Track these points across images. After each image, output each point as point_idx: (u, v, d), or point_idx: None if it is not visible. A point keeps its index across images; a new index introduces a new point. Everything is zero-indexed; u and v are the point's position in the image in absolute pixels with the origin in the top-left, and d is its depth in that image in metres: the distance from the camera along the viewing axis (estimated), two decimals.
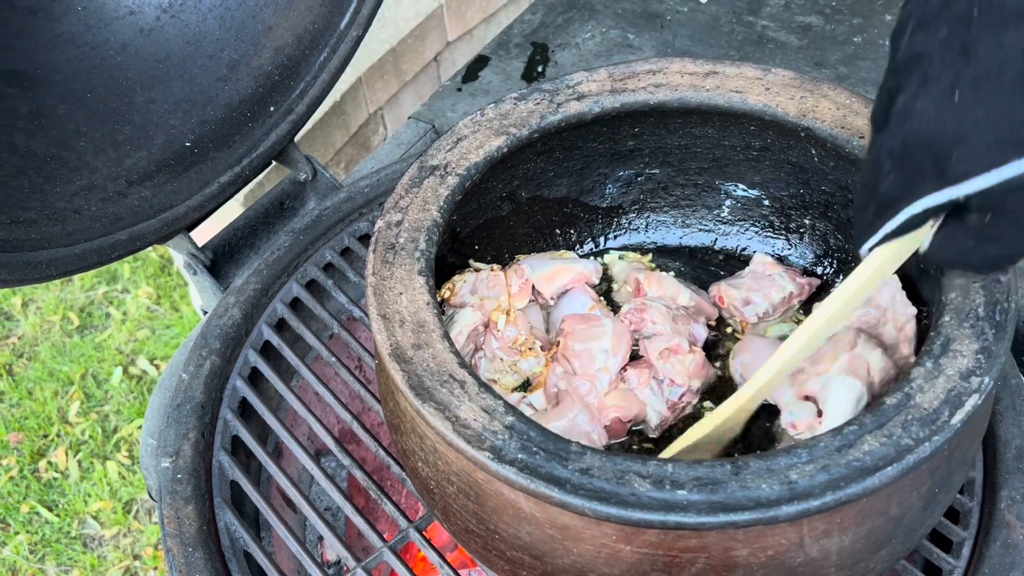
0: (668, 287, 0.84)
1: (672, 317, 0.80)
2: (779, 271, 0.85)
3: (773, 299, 0.83)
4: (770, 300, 0.83)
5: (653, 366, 0.78)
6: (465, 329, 0.78)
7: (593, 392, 0.77)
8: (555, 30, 1.37)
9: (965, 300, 0.63)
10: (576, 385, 0.77)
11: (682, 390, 0.77)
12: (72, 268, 0.83)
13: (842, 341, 0.71)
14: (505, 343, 0.79)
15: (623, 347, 0.78)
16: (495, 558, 0.66)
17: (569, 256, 0.89)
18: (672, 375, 0.77)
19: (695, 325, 0.82)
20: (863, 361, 0.69)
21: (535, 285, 0.83)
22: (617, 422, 0.76)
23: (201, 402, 0.86)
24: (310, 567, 0.77)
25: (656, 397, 0.77)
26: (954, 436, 0.57)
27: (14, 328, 2.05)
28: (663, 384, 0.77)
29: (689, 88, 0.81)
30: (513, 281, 0.82)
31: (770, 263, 0.86)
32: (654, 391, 0.77)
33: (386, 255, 0.71)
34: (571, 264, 0.85)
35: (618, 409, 0.76)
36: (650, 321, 0.80)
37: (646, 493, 0.56)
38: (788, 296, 0.83)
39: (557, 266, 0.84)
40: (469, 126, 0.80)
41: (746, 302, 0.83)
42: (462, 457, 0.60)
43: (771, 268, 0.85)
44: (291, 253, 0.98)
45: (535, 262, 0.85)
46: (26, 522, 1.74)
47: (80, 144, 0.90)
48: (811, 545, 0.59)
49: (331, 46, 0.99)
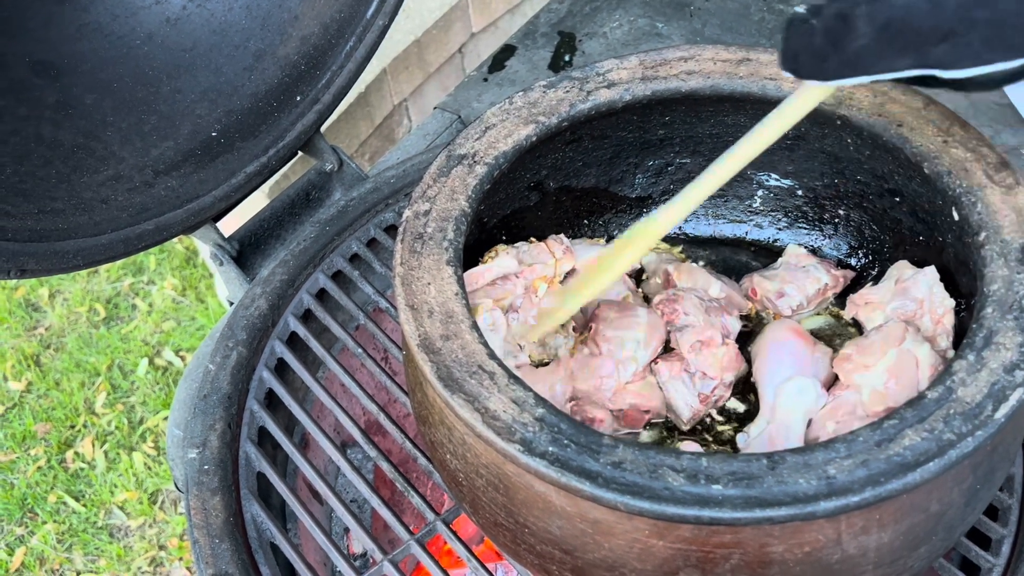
0: (699, 278, 0.83)
1: (705, 309, 0.79)
2: (813, 262, 0.83)
3: (807, 291, 0.81)
4: (804, 292, 0.81)
5: (685, 359, 0.77)
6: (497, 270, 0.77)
7: (614, 375, 0.75)
8: (582, 19, 1.35)
9: (1008, 292, 0.62)
10: (596, 365, 0.76)
11: (714, 383, 0.76)
12: (99, 258, 0.83)
13: (891, 336, 0.70)
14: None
15: (656, 340, 0.77)
16: (524, 552, 0.65)
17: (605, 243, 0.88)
18: (704, 368, 0.76)
19: (728, 317, 0.80)
20: (911, 356, 0.68)
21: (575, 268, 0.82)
22: (633, 410, 0.75)
23: (228, 393, 0.85)
24: (336, 559, 0.77)
25: (688, 390, 0.76)
26: (998, 431, 0.56)
27: (41, 319, 2.07)
28: (695, 377, 0.76)
29: (722, 75, 0.79)
30: (556, 248, 0.81)
31: (804, 254, 0.84)
32: (686, 384, 0.76)
33: (414, 245, 0.70)
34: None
35: (637, 396, 0.75)
36: (683, 312, 0.79)
37: (680, 487, 0.55)
38: (823, 288, 0.82)
39: (595, 252, 0.83)
40: (497, 114, 0.78)
41: (780, 294, 0.82)
42: (491, 449, 0.59)
43: (805, 259, 0.84)
44: (317, 244, 0.97)
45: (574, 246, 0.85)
46: (53, 512, 1.75)
47: (107, 134, 0.90)
48: (849, 542, 0.57)
49: (357, 35, 0.98)
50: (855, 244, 0.86)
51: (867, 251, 0.86)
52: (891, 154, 0.75)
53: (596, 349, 0.77)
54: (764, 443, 0.72)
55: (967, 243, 0.67)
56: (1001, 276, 0.63)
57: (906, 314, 0.75)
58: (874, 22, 0.55)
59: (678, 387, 0.76)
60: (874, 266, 0.85)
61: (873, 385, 0.70)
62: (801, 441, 0.72)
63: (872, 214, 0.83)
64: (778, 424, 0.73)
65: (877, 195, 0.82)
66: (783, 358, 0.76)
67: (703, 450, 0.74)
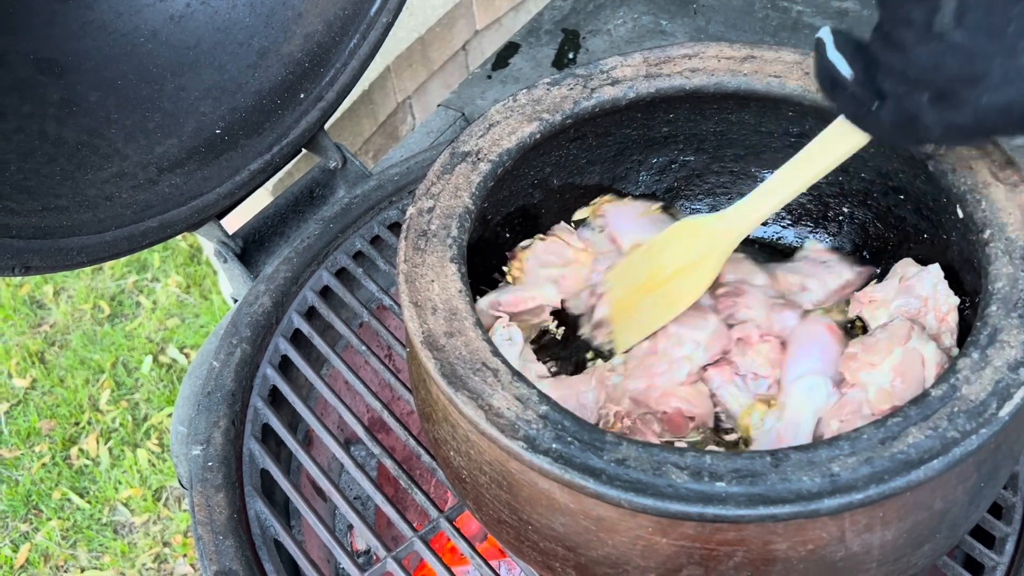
0: (743, 269, 0.82)
1: (770, 305, 0.78)
2: (833, 258, 0.82)
3: (829, 286, 0.80)
4: (826, 288, 0.80)
5: (734, 363, 0.76)
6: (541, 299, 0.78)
7: (667, 374, 0.75)
8: (586, 16, 1.35)
9: (1013, 289, 0.62)
10: (650, 364, 0.76)
11: (768, 382, 0.75)
12: (103, 255, 0.83)
13: (896, 334, 0.70)
14: None
15: (717, 346, 0.76)
16: (528, 549, 0.65)
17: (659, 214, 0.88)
18: (754, 368, 0.75)
19: (789, 313, 0.79)
20: (917, 354, 0.68)
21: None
22: (678, 414, 0.74)
23: (232, 390, 0.86)
24: (340, 556, 0.77)
25: (742, 392, 0.75)
26: (1002, 429, 0.56)
27: (46, 316, 2.07)
28: (747, 379, 0.76)
29: (726, 73, 0.79)
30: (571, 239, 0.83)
31: (822, 250, 0.84)
32: (739, 387, 0.75)
33: (418, 242, 0.70)
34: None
35: (683, 401, 0.74)
36: (745, 306, 0.78)
37: (683, 485, 0.55)
38: (844, 284, 0.80)
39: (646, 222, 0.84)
40: (501, 112, 0.78)
41: (803, 288, 0.80)
42: (495, 446, 0.59)
43: (824, 255, 0.83)
44: (321, 241, 0.97)
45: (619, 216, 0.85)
46: (58, 508, 1.76)
47: (111, 132, 0.90)
48: (853, 539, 0.57)
49: (361, 32, 0.98)
50: (860, 242, 0.86)
51: (871, 249, 0.86)
52: (895, 151, 0.75)
53: (653, 345, 0.77)
54: (773, 440, 0.72)
55: (971, 241, 0.67)
56: (1006, 274, 0.62)
57: (910, 312, 0.75)
58: (945, 124, 0.58)
59: (732, 391, 0.75)
60: (878, 264, 0.85)
61: (879, 383, 0.70)
62: (810, 439, 0.71)
63: (876, 212, 0.83)
64: (787, 422, 0.72)
65: (881, 193, 0.81)
66: (812, 352, 0.75)
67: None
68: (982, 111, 0.56)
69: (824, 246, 0.85)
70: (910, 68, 0.57)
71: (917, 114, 0.58)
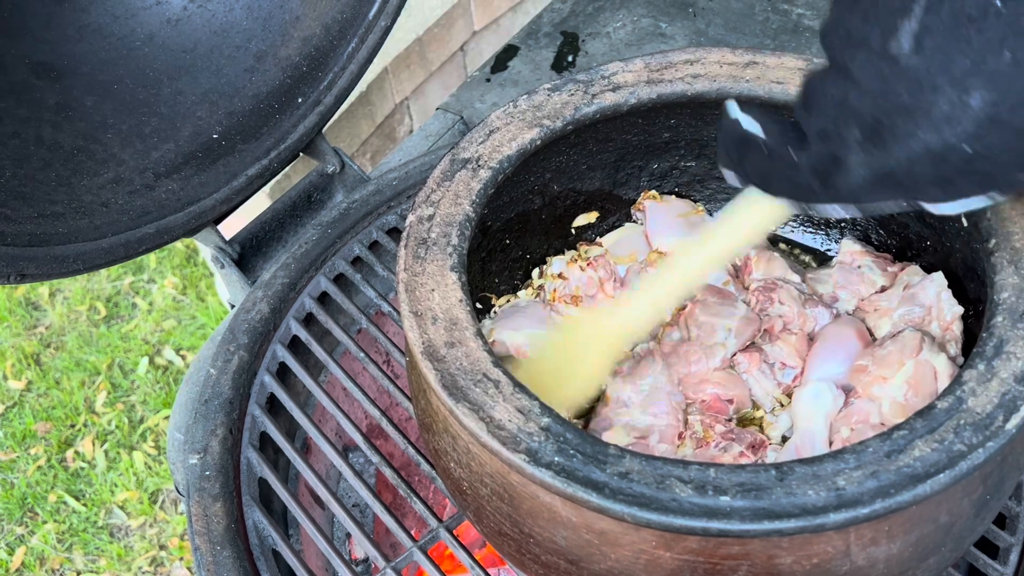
0: (776, 268, 0.81)
1: (803, 301, 0.77)
2: (868, 262, 0.80)
3: (862, 294, 0.79)
4: (858, 296, 0.79)
5: (763, 350, 0.76)
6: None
7: (703, 362, 0.75)
8: (585, 19, 1.35)
9: (1019, 300, 0.61)
10: (685, 351, 0.75)
11: (795, 372, 0.75)
12: (99, 262, 0.82)
13: (908, 346, 0.69)
14: None
15: (748, 332, 0.76)
16: (529, 562, 0.64)
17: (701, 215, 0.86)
18: (782, 358, 0.75)
19: (821, 309, 0.78)
20: (929, 367, 0.67)
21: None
22: (716, 400, 0.74)
23: (229, 398, 0.85)
24: (338, 566, 0.76)
25: (768, 380, 0.75)
26: (1008, 442, 0.55)
27: (42, 318, 2.06)
28: (774, 367, 0.75)
29: (728, 79, 0.78)
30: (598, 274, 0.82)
31: (859, 251, 0.81)
32: (765, 374, 0.75)
33: (418, 250, 0.69)
34: None
35: (717, 386, 0.74)
36: (778, 301, 0.77)
37: (687, 499, 0.54)
38: (879, 291, 0.79)
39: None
40: (502, 118, 0.78)
41: (833, 299, 0.79)
42: (496, 459, 0.59)
43: (860, 258, 0.80)
44: (319, 247, 0.96)
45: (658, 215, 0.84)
46: (54, 511, 1.75)
47: (107, 136, 0.89)
48: (858, 553, 0.57)
49: (359, 36, 0.97)
50: None
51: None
52: None
53: (686, 333, 0.76)
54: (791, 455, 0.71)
55: (976, 249, 0.67)
56: (1012, 284, 0.62)
57: (913, 320, 0.74)
58: (872, 169, 0.53)
59: (758, 378, 0.76)
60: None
61: (893, 396, 0.69)
62: (826, 446, 0.71)
63: (879, 218, 0.83)
64: (801, 433, 0.72)
65: None
66: (839, 354, 0.74)
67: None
68: (915, 153, 0.51)
69: (861, 247, 0.82)
70: (851, 94, 0.52)
71: (842, 157, 0.54)
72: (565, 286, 0.82)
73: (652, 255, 0.84)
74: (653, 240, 0.86)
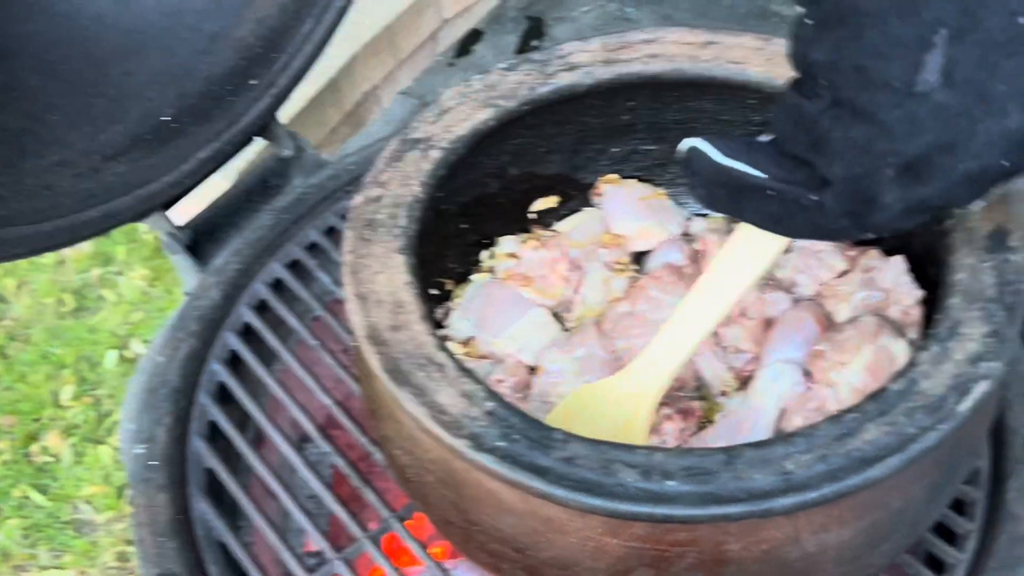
0: None
1: (761, 285, 0.75)
2: (828, 246, 0.78)
3: (821, 279, 0.77)
4: (818, 281, 0.77)
5: (718, 333, 0.74)
6: None
7: (644, 336, 0.72)
8: (551, 3, 1.33)
9: (974, 281, 0.60)
10: (629, 324, 0.74)
11: (747, 356, 0.73)
12: (42, 246, 0.80)
13: (866, 331, 0.68)
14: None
15: None
16: (476, 551, 0.63)
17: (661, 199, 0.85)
18: (736, 342, 0.74)
19: (779, 293, 0.76)
20: (888, 352, 0.66)
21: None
22: None
23: (176, 387, 0.83)
24: (287, 558, 0.74)
25: (717, 361, 0.74)
26: (961, 424, 0.54)
27: (7, 310, 2.03)
28: (727, 351, 0.74)
29: (686, 59, 0.77)
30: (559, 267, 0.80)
31: None
32: (717, 356, 0.74)
33: (363, 232, 0.67)
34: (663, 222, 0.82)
35: None
36: None
37: (633, 484, 0.53)
38: (839, 275, 0.77)
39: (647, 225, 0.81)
40: (454, 98, 0.76)
41: (793, 284, 0.77)
42: (440, 445, 0.57)
43: (819, 243, 0.78)
44: (274, 233, 0.94)
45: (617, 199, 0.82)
46: (18, 507, 1.72)
47: (53, 118, 0.86)
48: (808, 539, 0.55)
49: (315, 16, 0.95)
50: None
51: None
52: None
53: (632, 306, 0.75)
54: (732, 426, 0.70)
55: (933, 231, 0.66)
56: (967, 264, 0.61)
57: (873, 305, 0.73)
58: (907, 202, 0.52)
59: (708, 359, 0.74)
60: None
61: (850, 382, 0.68)
62: (771, 430, 0.69)
63: None
64: (749, 408, 0.70)
65: None
66: (795, 339, 0.72)
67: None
68: (954, 182, 0.50)
69: None
70: (879, 139, 0.50)
71: (875, 196, 0.52)
72: (517, 265, 0.80)
73: (606, 237, 0.82)
74: (612, 224, 0.84)
